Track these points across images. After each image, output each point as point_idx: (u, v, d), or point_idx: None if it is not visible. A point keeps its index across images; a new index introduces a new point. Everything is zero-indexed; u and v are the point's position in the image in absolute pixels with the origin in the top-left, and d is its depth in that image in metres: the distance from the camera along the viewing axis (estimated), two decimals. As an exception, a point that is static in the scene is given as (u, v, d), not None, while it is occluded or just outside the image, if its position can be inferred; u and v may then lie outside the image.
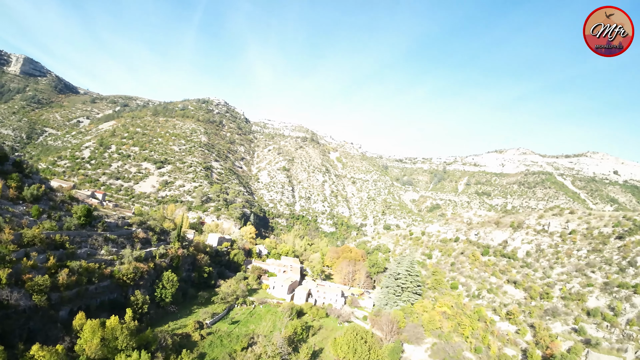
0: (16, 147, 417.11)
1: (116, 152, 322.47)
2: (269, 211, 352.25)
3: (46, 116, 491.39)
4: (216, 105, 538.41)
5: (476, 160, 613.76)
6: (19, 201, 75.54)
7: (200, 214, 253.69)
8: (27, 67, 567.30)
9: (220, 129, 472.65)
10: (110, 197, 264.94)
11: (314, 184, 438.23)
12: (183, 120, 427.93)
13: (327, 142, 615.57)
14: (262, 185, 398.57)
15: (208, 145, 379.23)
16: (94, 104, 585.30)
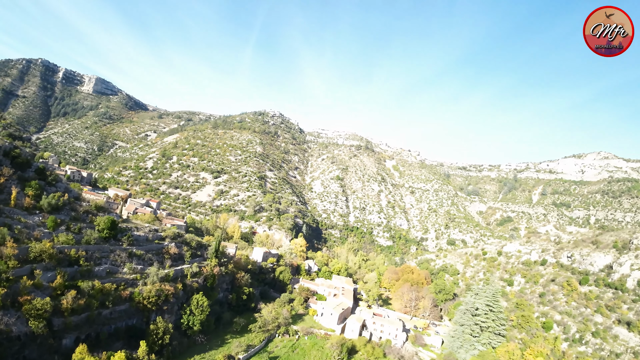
0: (88, 158, 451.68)
1: (177, 163, 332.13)
2: (322, 222, 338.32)
3: (117, 130, 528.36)
4: (271, 117, 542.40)
5: (551, 166, 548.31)
6: (35, 211, 68.09)
7: (253, 223, 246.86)
8: (100, 87, 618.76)
9: (275, 140, 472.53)
10: (168, 205, 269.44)
11: (369, 193, 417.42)
12: (240, 132, 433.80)
13: (382, 150, 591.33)
14: (315, 194, 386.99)
15: (263, 155, 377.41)
16: (160, 119, 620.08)
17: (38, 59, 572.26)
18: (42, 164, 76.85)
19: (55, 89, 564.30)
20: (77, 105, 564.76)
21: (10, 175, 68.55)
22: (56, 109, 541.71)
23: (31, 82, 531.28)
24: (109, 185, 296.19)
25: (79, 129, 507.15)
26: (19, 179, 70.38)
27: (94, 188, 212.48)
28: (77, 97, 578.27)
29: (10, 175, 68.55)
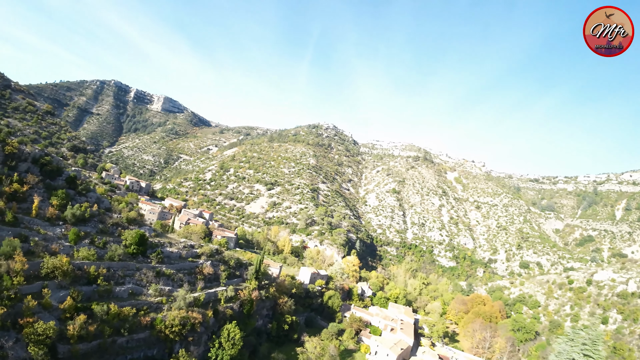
0: (155, 170, 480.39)
1: (233, 175, 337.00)
2: (377, 237, 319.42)
3: (182, 145, 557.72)
4: (325, 129, 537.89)
5: (635, 177, 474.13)
6: (58, 222, 62.47)
7: (304, 237, 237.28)
8: (167, 105, 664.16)
9: (329, 152, 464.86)
10: (223, 216, 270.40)
11: (429, 208, 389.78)
12: (294, 144, 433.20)
13: (442, 161, 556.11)
14: (370, 208, 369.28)
15: (316, 167, 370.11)
16: (222, 134, 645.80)
17: (111, 80, 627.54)
18: (73, 172, 72.81)
19: (127, 107, 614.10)
20: (147, 122, 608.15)
21: (36, 183, 64.21)
22: (128, 125, 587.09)
23: (105, 101, 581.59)
24: (168, 195, 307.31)
25: (147, 143, 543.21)
26: (47, 187, 66.01)
27: (151, 198, 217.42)
28: (147, 115, 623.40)
29: (36, 183, 64.21)
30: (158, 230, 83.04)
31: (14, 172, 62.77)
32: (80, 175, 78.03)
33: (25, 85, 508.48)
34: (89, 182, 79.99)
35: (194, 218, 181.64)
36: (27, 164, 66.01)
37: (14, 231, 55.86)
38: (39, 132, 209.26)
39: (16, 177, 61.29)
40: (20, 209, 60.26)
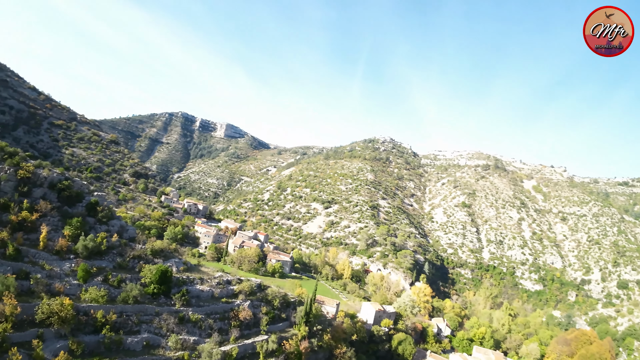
0: (218, 192, 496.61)
1: (290, 194, 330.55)
2: (448, 258, 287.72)
3: (243, 167, 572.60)
4: (382, 143, 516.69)
5: None
6: (68, 255, 52.69)
7: (365, 259, 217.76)
8: (229, 131, 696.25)
9: (387, 166, 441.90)
10: (280, 237, 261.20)
11: (506, 222, 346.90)
12: (350, 160, 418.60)
13: (516, 169, 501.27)
14: (438, 225, 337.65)
15: (374, 183, 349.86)
16: (279, 155, 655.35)
17: (178, 112, 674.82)
18: (95, 197, 64.24)
19: (194, 135, 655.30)
20: (211, 148, 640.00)
21: (49, 211, 55.66)
22: (194, 152, 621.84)
23: (173, 131, 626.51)
24: (228, 216, 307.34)
25: (212, 167, 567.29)
26: (63, 215, 57.49)
27: (208, 220, 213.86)
28: (211, 142, 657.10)
29: (49, 211, 55.66)
30: (190, 262, 71.22)
31: (26, 199, 55.30)
32: (102, 201, 69.36)
33: (101, 120, 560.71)
34: (111, 208, 71.01)
35: (249, 240, 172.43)
36: (43, 189, 58.42)
37: (14, 266, 47.06)
38: (103, 160, 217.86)
39: (26, 204, 53.55)
40: (28, 240, 51.86)
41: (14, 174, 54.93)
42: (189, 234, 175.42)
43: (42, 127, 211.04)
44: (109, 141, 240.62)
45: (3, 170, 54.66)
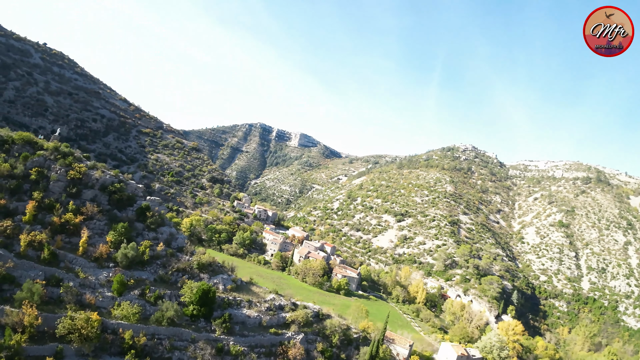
0: (290, 199, 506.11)
1: (360, 204, 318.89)
2: (540, 287, 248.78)
3: (315, 175, 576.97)
4: (463, 152, 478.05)
5: None
6: (108, 263, 47.74)
7: (442, 282, 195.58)
8: (303, 141, 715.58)
9: (469, 177, 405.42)
10: (348, 248, 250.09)
11: (611, 247, 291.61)
12: (427, 170, 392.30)
13: (621, 182, 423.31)
14: (529, 247, 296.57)
15: (454, 196, 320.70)
16: (351, 164, 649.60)
17: (257, 122, 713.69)
18: (146, 202, 60.01)
19: (270, 144, 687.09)
20: (286, 156, 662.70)
21: (95, 214, 51.98)
22: (270, 160, 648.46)
23: (252, 141, 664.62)
24: (298, 223, 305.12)
25: (285, 175, 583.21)
26: (111, 219, 53.80)
27: (276, 227, 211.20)
28: (286, 150, 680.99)
29: (95, 214, 51.98)
30: (240, 279, 63.55)
31: (76, 200, 52.70)
32: (154, 206, 65.17)
33: (189, 130, 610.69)
34: (162, 214, 66.59)
35: (315, 251, 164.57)
36: (94, 191, 55.76)
37: (47, 272, 43.45)
38: (184, 165, 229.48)
39: (72, 205, 50.65)
40: (69, 244, 48.60)
41: (65, 174, 52.76)
42: (256, 239, 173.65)
43: (130, 135, 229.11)
44: (190, 148, 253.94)
45: (54, 170, 52.88)
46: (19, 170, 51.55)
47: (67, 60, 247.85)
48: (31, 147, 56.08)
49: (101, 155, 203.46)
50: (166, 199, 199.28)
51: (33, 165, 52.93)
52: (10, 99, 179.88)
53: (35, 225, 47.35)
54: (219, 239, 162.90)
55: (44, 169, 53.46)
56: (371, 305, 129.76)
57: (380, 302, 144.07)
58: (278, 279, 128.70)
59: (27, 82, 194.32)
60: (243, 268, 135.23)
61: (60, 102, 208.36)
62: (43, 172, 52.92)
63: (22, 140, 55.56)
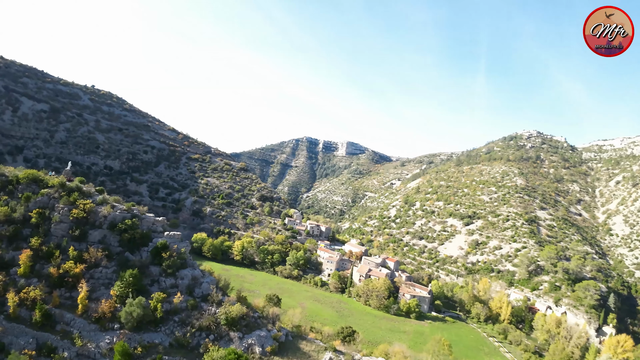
0: (344, 209, 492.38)
1: (420, 209, 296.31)
2: (637, 285, 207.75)
3: (366, 183, 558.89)
4: (527, 139, 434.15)
5: None
6: (112, 324, 37.65)
7: (527, 292, 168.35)
8: (350, 149, 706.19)
9: (539, 166, 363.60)
10: (412, 260, 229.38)
11: None
12: (490, 164, 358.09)
13: None
14: (619, 239, 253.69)
15: (527, 189, 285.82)
16: (403, 167, 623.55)
17: (303, 137, 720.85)
18: (163, 239, 49.73)
19: (318, 157, 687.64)
20: (335, 167, 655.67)
21: (100, 260, 42.34)
22: (319, 172, 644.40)
23: (300, 155, 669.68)
24: (354, 236, 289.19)
25: (336, 185, 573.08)
26: (121, 264, 43.79)
27: (331, 243, 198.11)
28: (334, 161, 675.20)
29: (100, 260, 42.34)
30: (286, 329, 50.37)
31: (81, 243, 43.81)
32: (173, 243, 54.52)
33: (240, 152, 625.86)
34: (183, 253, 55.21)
35: (376, 268, 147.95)
36: (102, 230, 46.85)
37: (39, 337, 34.67)
38: (233, 186, 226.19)
39: (72, 251, 41.70)
40: (70, 299, 39.70)
41: (68, 214, 44.26)
42: (311, 259, 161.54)
43: (180, 162, 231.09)
44: (239, 169, 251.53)
45: (58, 210, 44.71)
46: (18, 214, 44.56)
47: (115, 98, 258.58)
48: (37, 185, 49.62)
49: (154, 184, 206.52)
50: (218, 222, 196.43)
51: (36, 206, 45.93)
52: (62, 140, 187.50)
53: (31, 278, 39.49)
54: (272, 261, 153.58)
55: (46, 210, 46.23)
56: (449, 329, 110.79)
57: (459, 325, 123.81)
58: (338, 304, 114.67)
59: (78, 123, 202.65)
60: (299, 292, 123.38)
61: (111, 138, 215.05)
62: (44, 213, 45.66)
63: (27, 179, 49.39)
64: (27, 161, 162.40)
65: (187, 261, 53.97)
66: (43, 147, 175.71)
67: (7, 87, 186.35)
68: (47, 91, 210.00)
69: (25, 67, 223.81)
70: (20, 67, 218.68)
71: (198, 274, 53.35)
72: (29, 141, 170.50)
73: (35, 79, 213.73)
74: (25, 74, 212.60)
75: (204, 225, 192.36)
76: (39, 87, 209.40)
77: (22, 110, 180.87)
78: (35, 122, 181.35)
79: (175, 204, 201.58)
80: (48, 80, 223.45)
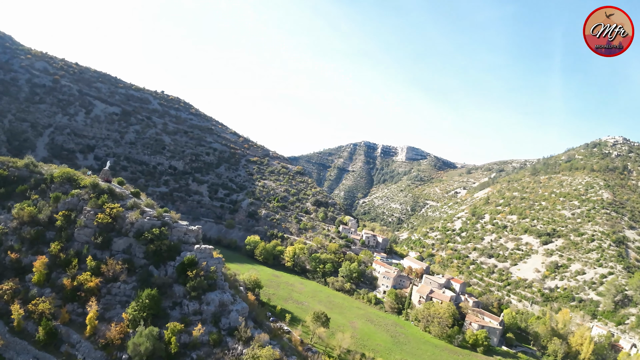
0: (402, 218, 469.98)
1: (490, 223, 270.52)
2: None
3: (427, 190, 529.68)
4: (612, 146, 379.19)
5: None
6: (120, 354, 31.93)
7: (612, 327, 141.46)
8: (410, 154, 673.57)
9: (626, 178, 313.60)
10: (479, 281, 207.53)
11: None
12: (571, 174, 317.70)
13: None
14: None
15: (614, 205, 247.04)
16: (469, 174, 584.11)
17: (361, 141, 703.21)
18: (192, 254, 43.23)
19: (376, 162, 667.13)
20: (393, 172, 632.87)
21: (119, 273, 36.88)
22: (377, 177, 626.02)
23: (357, 160, 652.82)
24: (413, 248, 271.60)
25: (394, 192, 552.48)
26: (144, 280, 37.88)
27: (388, 256, 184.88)
28: (393, 166, 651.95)
29: (119, 273, 36.88)
30: None
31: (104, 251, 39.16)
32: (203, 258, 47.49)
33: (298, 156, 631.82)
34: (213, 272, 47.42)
35: (439, 289, 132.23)
36: (128, 239, 41.97)
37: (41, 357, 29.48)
38: (289, 189, 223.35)
39: (90, 261, 36.96)
40: (81, 316, 34.28)
41: (93, 218, 39.95)
42: (365, 272, 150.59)
43: (240, 164, 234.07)
44: (295, 172, 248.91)
45: (84, 213, 40.65)
46: (43, 216, 41.54)
47: (182, 103, 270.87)
48: (71, 185, 46.98)
49: (214, 185, 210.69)
50: (272, 225, 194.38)
51: (64, 207, 42.86)
52: (131, 141, 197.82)
53: (45, 287, 35.52)
54: (324, 270, 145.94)
55: (74, 212, 42.85)
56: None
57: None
58: (393, 327, 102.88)
59: (147, 125, 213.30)
60: (350, 309, 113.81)
61: (177, 140, 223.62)
62: (70, 216, 42.28)
63: (61, 178, 46.86)
64: (98, 159, 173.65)
65: (217, 282, 46.93)
66: (113, 147, 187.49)
67: (81, 91, 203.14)
68: (119, 95, 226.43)
69: (99, 73, 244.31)
70: (94, 73, 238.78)
71: (227, 299, 46.19)
72: (100, 141, 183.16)
73: (109, 84, 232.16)
74: (99, 79, 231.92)
75: (259, 227, 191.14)
76: (112, 91, 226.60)
77: (95, 113, 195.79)
78: (107, 124, 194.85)
79: (232, 204, 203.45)
80: (120, 86, 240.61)
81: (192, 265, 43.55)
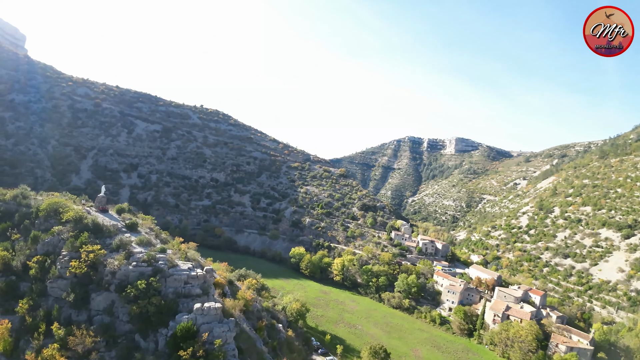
0: (457, 215, 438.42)
1: (561, 217, 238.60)
2: None
3: (482, 184, 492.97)
4: None
5: None
6: None
7: None
8: (460, 146, 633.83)
9: None
10: (556, 286, 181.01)
11: None
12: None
13: None
14: None
15: None
16: (528, 163, 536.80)
17: (405, 137, 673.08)
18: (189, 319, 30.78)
19: (423, 157, 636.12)
20: (442, 167, 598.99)
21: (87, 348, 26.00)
22: (425, 173, 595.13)
23: (402, 156, 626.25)
24: (472, 250, 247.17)
25: (446, 188, 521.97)
26: (126, 356, 26.77)
27: (450, 265, 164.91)
28: (442, 160, 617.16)
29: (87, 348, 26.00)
30: None
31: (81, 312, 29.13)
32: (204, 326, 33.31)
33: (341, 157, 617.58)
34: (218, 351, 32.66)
35: (515, 304, 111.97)
36: (110, 294, 31.23)
37: None
38: (333, 194, 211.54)
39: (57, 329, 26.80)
40: None
41: (67, 265, 30.17)
42: (426, 286, 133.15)
43: (281, 171, 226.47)
44: (338, 175, 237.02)
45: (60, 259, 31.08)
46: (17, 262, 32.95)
47: (221, 115, 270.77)
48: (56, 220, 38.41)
49: (256, 194, 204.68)
50: (317, 235, 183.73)
51: (43, 251, 34.15)
52: (173, 156, 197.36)
53: None
54: (377, 285, 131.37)
55: (52, 256, 33.83)
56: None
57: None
58: (465, 355, 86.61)
59: (187, 140, 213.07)
60: (411, 332, 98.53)
61: (217, 152, 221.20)
62: (45, 262, 33.18)
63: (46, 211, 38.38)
64: (141, 177, 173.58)
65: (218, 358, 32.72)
66: (156, 164, 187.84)
67: (122, 112, 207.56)
68: (159, 113, 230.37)
69: (140, 93, 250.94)
70: (134, 94, 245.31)
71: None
72: (143, 159, 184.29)
73: (149, 103, 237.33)
74: (140, 99, 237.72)
75: (303, 237, 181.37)
76: (153, 110, 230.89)
77: (137, 132, 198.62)
78: (148, 142, 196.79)
79: (275, 214, 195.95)
80: (160, 104, 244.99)
81: (189, 334, 30.78)
